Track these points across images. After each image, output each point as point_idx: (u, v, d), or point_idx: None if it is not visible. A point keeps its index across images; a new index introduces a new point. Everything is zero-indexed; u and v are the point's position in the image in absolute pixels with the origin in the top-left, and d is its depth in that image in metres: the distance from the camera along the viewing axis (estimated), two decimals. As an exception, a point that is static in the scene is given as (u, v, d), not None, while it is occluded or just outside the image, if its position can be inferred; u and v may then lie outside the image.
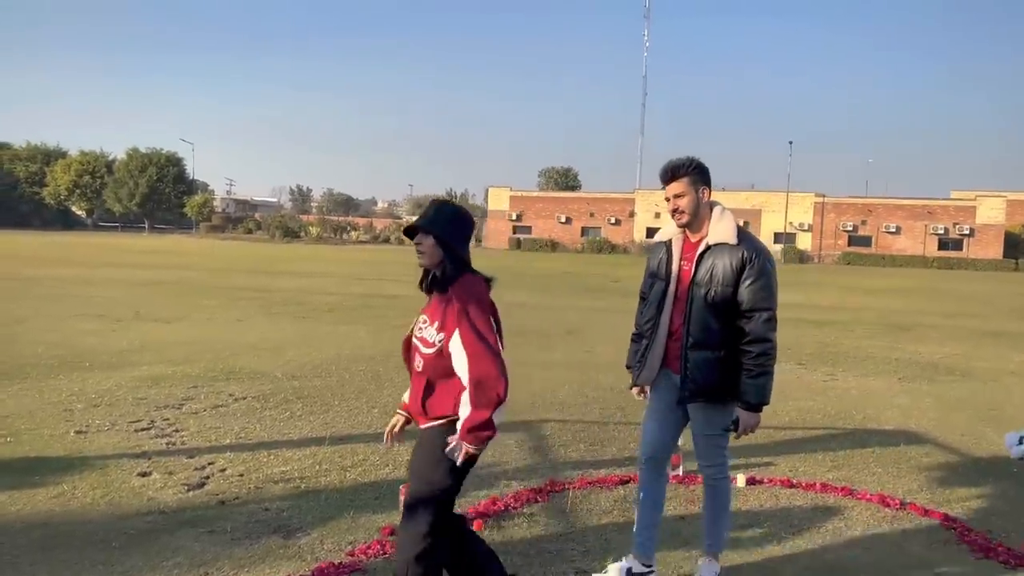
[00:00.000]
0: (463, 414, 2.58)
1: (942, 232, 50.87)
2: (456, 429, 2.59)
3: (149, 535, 3.63)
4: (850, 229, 52.99)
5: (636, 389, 3.45)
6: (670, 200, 3.16)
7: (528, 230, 61.03)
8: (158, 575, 3.25)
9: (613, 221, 58.02)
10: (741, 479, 4.66)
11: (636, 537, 3.34)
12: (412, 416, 2.78)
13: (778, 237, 54.28)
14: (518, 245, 58.36)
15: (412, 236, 2.72)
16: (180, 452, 4.94)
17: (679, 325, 3.15)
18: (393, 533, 3.56)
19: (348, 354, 8.81)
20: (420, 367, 2.70)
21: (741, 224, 3.14)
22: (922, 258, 49.58)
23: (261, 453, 4.96)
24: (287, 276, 22.16)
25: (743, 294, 3.03)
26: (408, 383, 2.89)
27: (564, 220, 59.75)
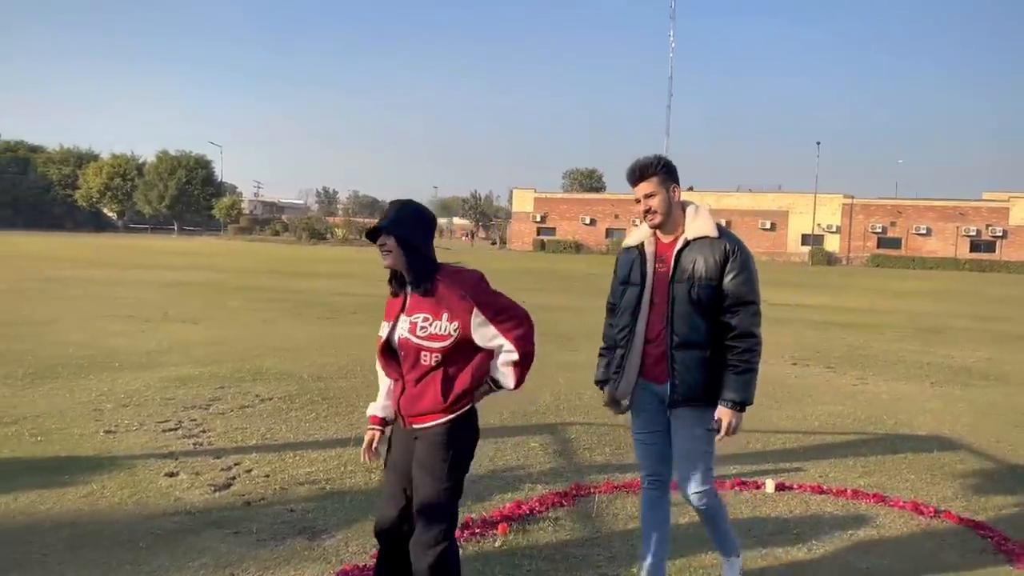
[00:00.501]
0: (513, 359, 2.63)
1: (974, 234, 50.10)
2: (455, 425, 2.63)
3: (176, 535, 3.65)
4: (879, 231, 52.37)
5: (615, 403, 3.14)
6: (640, 201, 3.06)
7: (552, 231, 61.02)
8: (184, 576, 3.27)
9: (638, 223, 57.50)
10: (770, 484, 4.59)
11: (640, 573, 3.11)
12: (407, 420, 2.72)
13: (805, 239, 53.79)
14: (542, 247, 58.35)
15: (374, 238, 2.66)
16: (207, 452, 4.97)
17: (660, 329, 2.98)
18: None
19: (373, 355, 8.80)
20: (433, 362, 2.65)
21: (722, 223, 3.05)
22: (953, 260, 48.85)
23: (287, 454, 4.98)
24: (313, 277, 22.31)
25: (728, 287, 2.90)
26: (373, 396, 2.91)
27: (588, 221, 59.67)
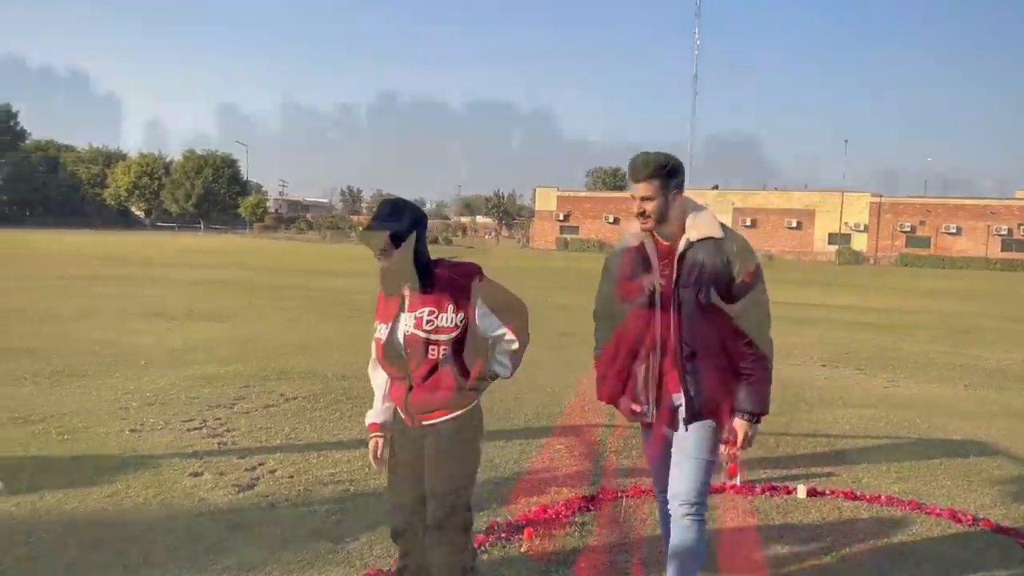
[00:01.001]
0: (513, 347, 2.68)
1: (1005, 233, 49.16)
2: (466, 419, 2.64)
3: (200, 537, 3.63)
4: (908, 230, 51.58)
5: (636, 414, 2.88)
6: (636, 200, 2.78)
7: (575, 230, 60.79)
8: (208, 578, 3.24)
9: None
10: (802, 490, 4.49)
11: None
12: (417, 418, 2.66)
13: (832, 238, 53.12)
14: (565, 245, 58.18)
15: (368, 239, 2.59)
16: (231, 452, 4.96)
17: (668, 337, 2.77)
18: None
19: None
20: (441, 355, 2.60)
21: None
22: (984, 259, 47.98)
23: (311, 454, 4.95)
24: (337, 276, 22.38)
25: (737, 289, 2.72)
26: (369, 404, 2.87)
27: (612, 220, 59.32)
